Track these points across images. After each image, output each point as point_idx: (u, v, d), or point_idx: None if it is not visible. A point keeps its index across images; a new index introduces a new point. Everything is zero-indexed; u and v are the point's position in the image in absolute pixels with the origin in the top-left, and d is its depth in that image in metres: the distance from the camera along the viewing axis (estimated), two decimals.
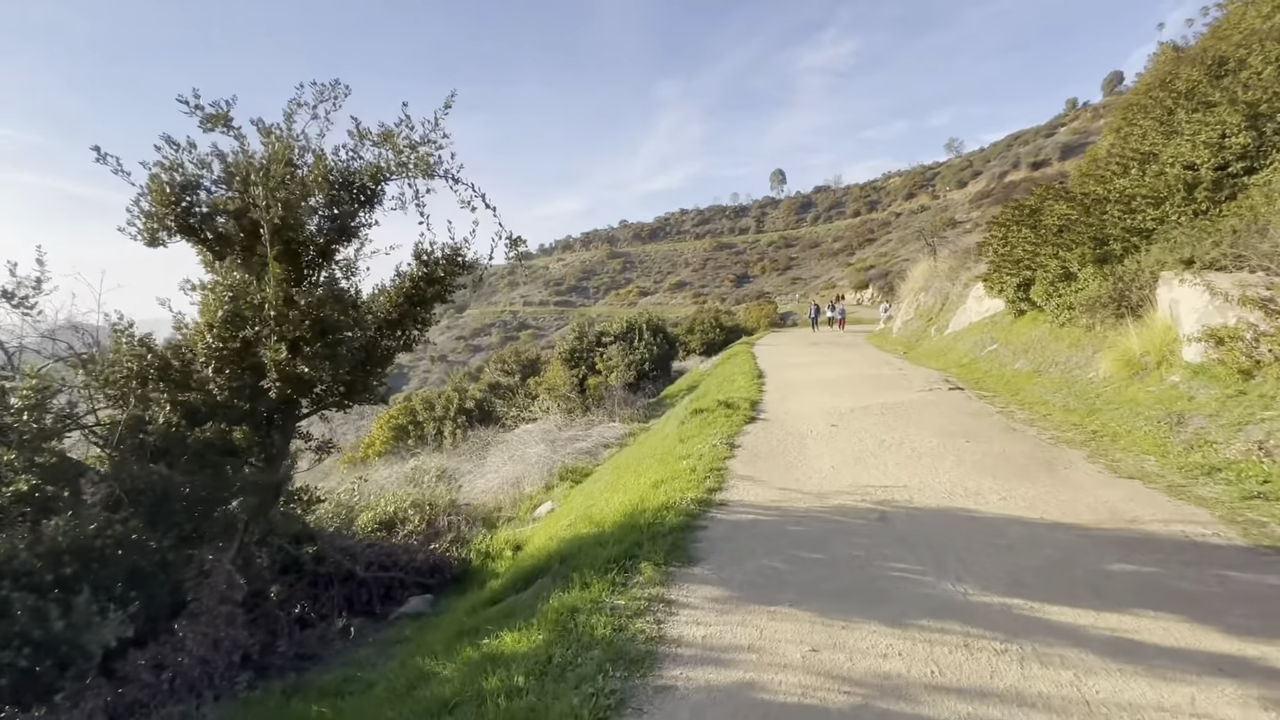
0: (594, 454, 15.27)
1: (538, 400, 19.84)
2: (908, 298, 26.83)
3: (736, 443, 8.50)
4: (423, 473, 12.27)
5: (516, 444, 16.59)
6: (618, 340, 24.85)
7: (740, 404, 10.90)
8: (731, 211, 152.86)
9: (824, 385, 13.41)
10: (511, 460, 15.00)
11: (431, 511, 8.80)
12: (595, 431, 17.01)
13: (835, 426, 9.29)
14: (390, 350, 6.31)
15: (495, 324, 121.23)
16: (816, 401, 11.48)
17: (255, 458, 5.34)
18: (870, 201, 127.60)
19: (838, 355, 20.22)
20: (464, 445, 18.72)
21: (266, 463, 5.55)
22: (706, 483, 6.66)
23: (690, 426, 9.90)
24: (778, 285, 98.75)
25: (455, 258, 6.34)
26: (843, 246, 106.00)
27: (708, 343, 34.55)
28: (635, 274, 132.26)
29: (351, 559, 6.87)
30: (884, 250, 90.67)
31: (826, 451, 7.97)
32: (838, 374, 15.00)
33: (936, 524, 5.44)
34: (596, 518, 6.58)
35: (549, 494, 11.17)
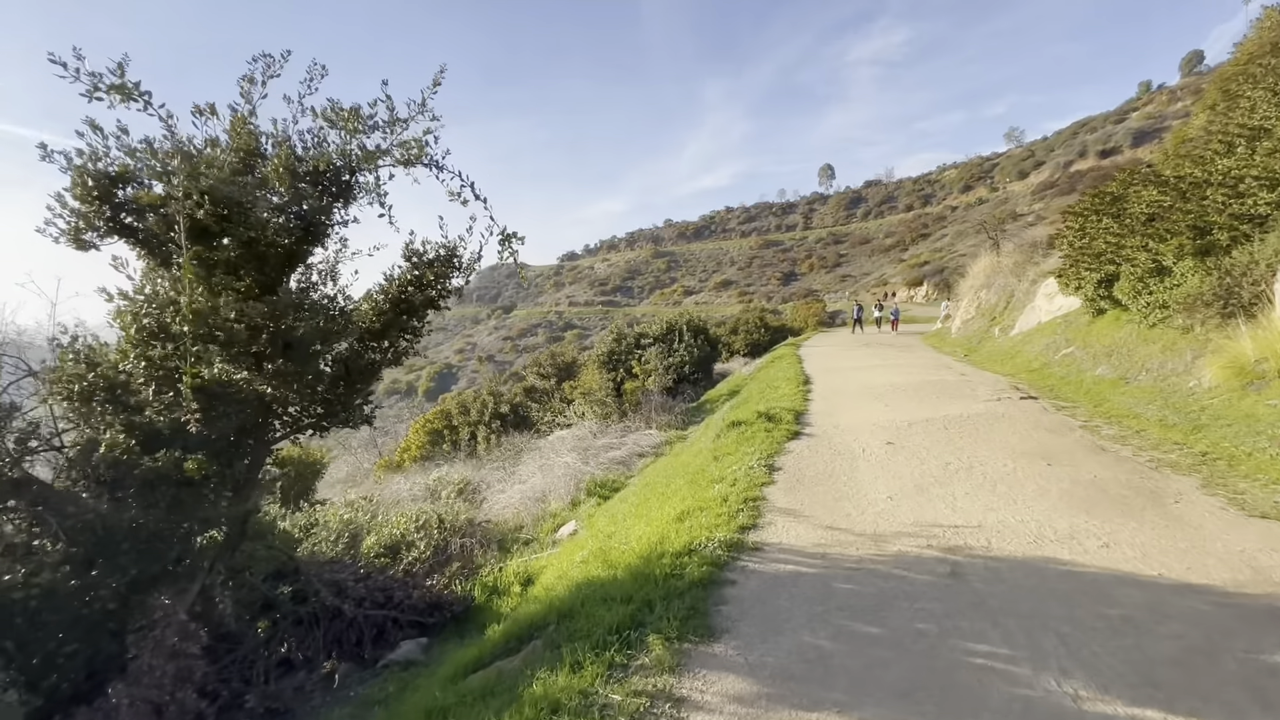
0: (628, 464, 14.42)
1: (573, 405, 19.11)
2: (967, 295, 25.08)
3: (777, 464, 7.48)
4: (444, 484, 11.65)
5: (549, 452, 15.86)
6: (657, 342, 23.95)
7: (783, 416, 9.86)
8: (778, 208, 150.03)
9: (877, 393, 12.21)
10: (541, 470, 14.28)
11: (440, 535, 8.10)
12: (630, 439, 16.16)
13: (891, 445, 8.17)
14: (374, 365, 5.57)
15: (541, 324, 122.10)
16: (869, 413, 10.33)
17: (216, 489, 4.68)
18: (924, 195, 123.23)
19: (891, 358, 18.82)
20: (497, 452, 18.14)
21: (233, 493, 4.89)
22: (739, 518, 5.68)
23: (726, 442, 8.93)
24: (826, 283, 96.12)
25: (450, 259, 5.57)
26: (895, 242, 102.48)
27: (752, 344, 33.29)
28: (680, 273, 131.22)
29: (340, 595, 6.20)
30: (939, 246, 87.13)
31: (882, 477, 6.88)
32: (892, 380, 13.74)
33: (1024, 582, 4.35)
34: (612, 557, 5.71)
35: (574, 511, 10.36)
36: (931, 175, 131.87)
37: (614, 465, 14.33)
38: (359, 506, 9.48)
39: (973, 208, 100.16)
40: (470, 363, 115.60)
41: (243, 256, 4.49)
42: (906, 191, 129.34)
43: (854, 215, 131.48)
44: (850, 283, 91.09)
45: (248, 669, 5.41)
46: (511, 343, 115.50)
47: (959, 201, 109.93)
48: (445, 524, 8.43)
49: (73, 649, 4.40)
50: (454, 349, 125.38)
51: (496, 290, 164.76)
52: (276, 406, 4.83)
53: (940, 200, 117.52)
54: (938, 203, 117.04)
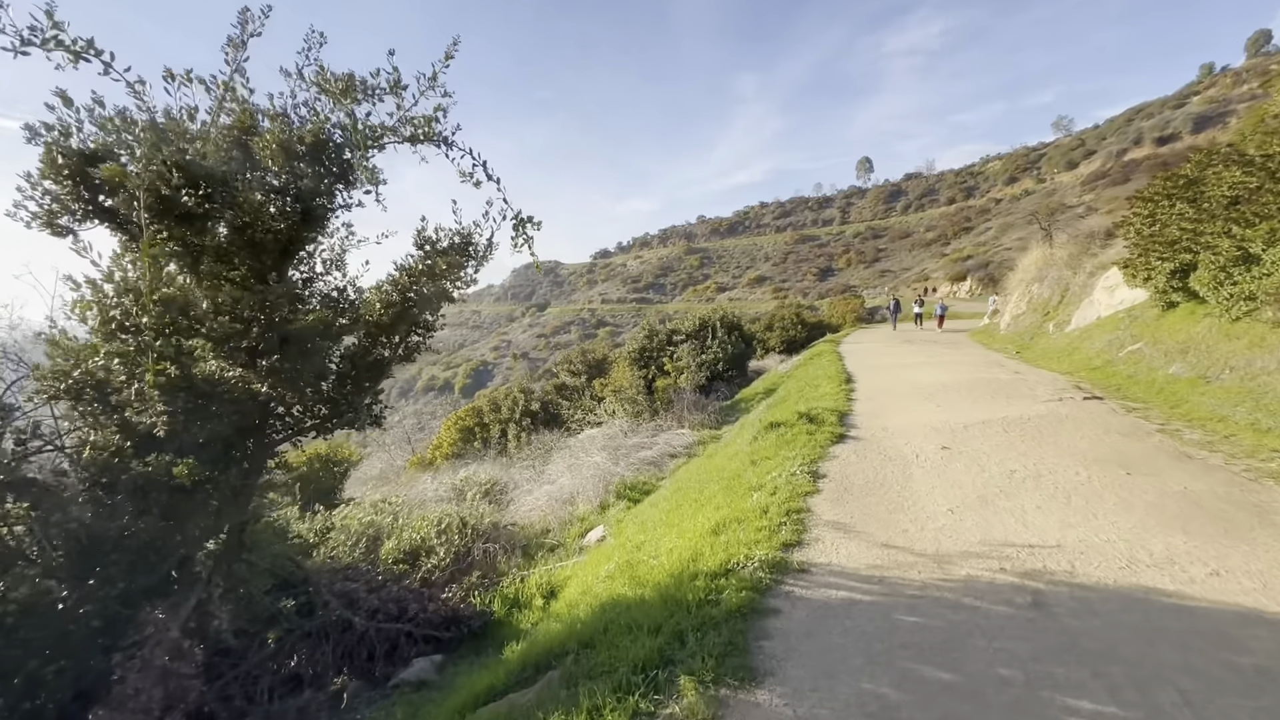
0: (659, 465, 13.90)
1: (603, 403, 18.66)
2: (1017, 290, 23.84)
3: (821, 470, 6.85)
4: (471, 485, 11.31)
5: (578, 451, 15.44)
6: (689, 339, 23.35)
7: (825, 417, 9.20)
8: (814, 203, 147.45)
9: (926, 392, 11.43)
10: (569, 470, 13.85)
11: (461, 541, 7.69)
12: (662, 439, 15.64)
13: (947, 449, 7.47)
14: (383, 361, 5.16)
15: (574, 321, 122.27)
16: (919, 414, 9.60)
17: (214, 496, 4.32)
18: (967, 188, 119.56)
19: (938, 355, 17.89)
20: (527, 450, 17.81)
21: (234, 499, 4.53)
22: (782, 533, 5.10)
23: (764, 445, 8.33)
24: (864, 278, 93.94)
25: (465, 246, 5.11)
26: (936, 236, 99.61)
27: (788, 340, 32.39)
28: (713, 269, 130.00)
29: (351, 607, 5.83)
30: (982, 239, 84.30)
31: (940, 486, 6.21)
32: (941, 378, 12.91)
33: (1123, 618, 3.70)
34: (640, 572, 5.20)
35: (603, 515, 9.88)
36: (974, 167, 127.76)
37: (644, 466, 13.83)
38: (381, 508, 9.16)
39: (1018, 200, 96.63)
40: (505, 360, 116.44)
41: (235, 242, 4.11)
42: (948, 184, 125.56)
43: (893, 209, 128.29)
44: (890, 278, 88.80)
45: (251, 686, 5.07)
46: (545, 340, 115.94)
47: (1003, 194, 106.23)
48: (468, 528, 8.03)
49: (58, 668, 4.07)
50: (490, 346, 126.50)
51: (531, 288, 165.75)
52: (275, 406, 4.44)
53: (983, 193, 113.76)
54: (981, 195, 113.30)
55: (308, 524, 7.17)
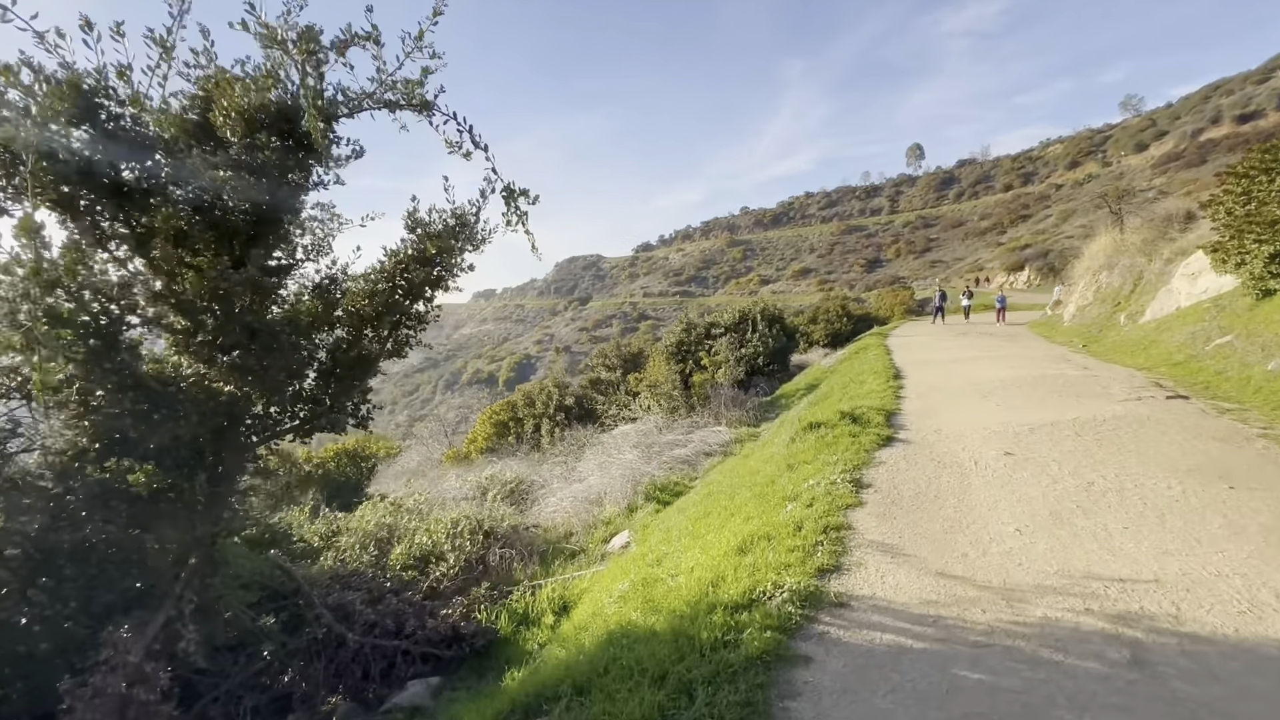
0: (692, 464, 13.26)
1: (638, 398, 18.09)
2: (1083, 279, 22.23)
3: (865, 479, 6.10)
4: (495, 483, 10.90)
5: (610, 448, 14.92)
6: (728, 332, 22.56)
7: (870, 417, 8.39)
8: (862, 192, 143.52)
9: (984, 390, 10.45)
10: (599, 469, 13.33)
11: (474, 548, 7.21)
12: (697, 436, 14.98)
13: (1011, 455, 6.60)
14: (369, 357, 4.66)
15: (616, 315, 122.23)
16: (976, 414, 8.68)
17: (177, 504, 3.91)
18: (1025, 174, 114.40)
19: (995, 349, 16.67)
20: (560, 446, 17.38)
21: (205, 508, 4.12)
22: (817, 555, 4.40)
23: (803, 447, 7.59)
24: (914, 269, 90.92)
25: (460, 229, 4.56)
26: (991, 225, 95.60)
27: (833, 334, 31.20)
28: (756, 262, 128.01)
29: (346, 620, 5.40)
30: (1041, 227, 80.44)
31: (1004, 499, 5.40)
32: (1000, 374, 11.86)
33: (1254, 684, 2.90)
34: (655, 595, 4.59)
35: (630, 518, 9.30)
36: (1033, 152, 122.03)
37: (677, 465, 13.20)
38: (398, 508, 8.80)
39: (1081, 185, 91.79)
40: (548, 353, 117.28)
41: (195, 225, 3.65)
42: (1004, 170, 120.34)
43: (945, 197, 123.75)
44: (941, 268, 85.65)
45: (235, 706, 4.68)
46: (587, 333, 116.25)
47: (1065, 179, 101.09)
48: (481, 532, 7.56)
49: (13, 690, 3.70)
50: (533, 340, 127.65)
51: (573, 282, 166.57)
52: (246, 407, 3.99)
53: (1043, 178, 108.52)
54: (1040, 181, 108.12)
55: (317, 525, 6.81)
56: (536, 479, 13.43)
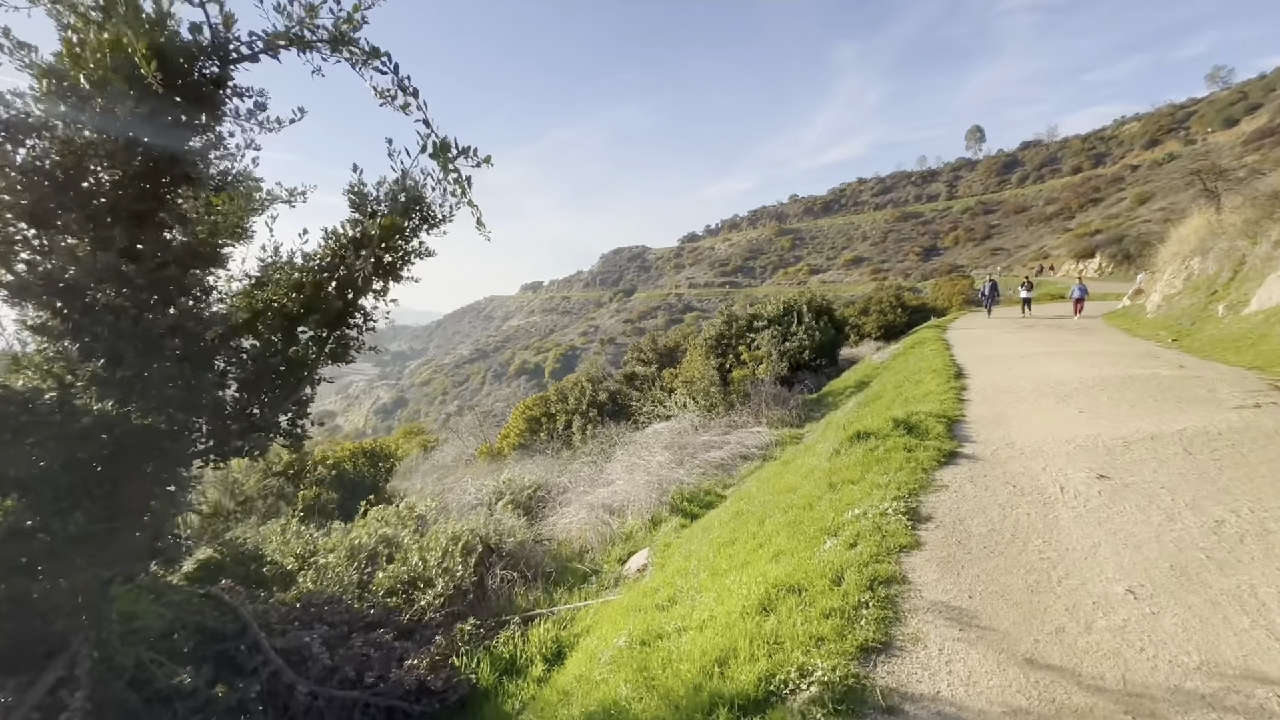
0: (728, 469, 12.24)
1: (674, 395, 17.12)
2: (1170, 265, 20.07)
3: (924, 509, 4.99)
4: (512, 488, 10.13)
5: (640, 449, 14.02)
6: (771, 325, 21.32)
7: (929, 425, 7.21)
8: (918, 177, 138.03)
9: (1062, 392, 9.07)
10: (628, 472, 12.45)
11: (465, 572, 6.35)
12: (734, 437, 13.94)
13: (1106, 479, 5.37)
14: (300, 362, 3.83)
15: (661, 306, 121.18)
16: (1057, 423, 7.39)
17: (57, 545, 3.18)
18: (1096, 155, 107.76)
19: (1069, 344, 15.01)
20: (591, 444, 16.58)
21: (98, 547, 3.39)
22: (860, 624, 3.37)
23: (848, 462, 6.49)
24: (974, 257, 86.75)
25: (412, 205, 3.68)
26: (1058, 210, 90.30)
27: (886, 326, 29.46)
28: (806, 251, 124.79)
29: (300, 666, 4.65)
30: (1114, 211, 75.37)
31: (1104, 542, 4.23)
32: (1079, 373, 10.40)
33: None
34: (654, 665, 3.65)
35: (653, 534, 8.37)
36: (1105, 131, 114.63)
37: (711, 470, 12.21)
38: (406, 515, 8.10)
39: (1160, 165, 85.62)
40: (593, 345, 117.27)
41: (53, 200, 2.90)
42: (1073, 151, 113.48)
43: (1008, 181, 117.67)
44: (1003, 256, 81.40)
45: None
46: (632, 325, 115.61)
47: (1141, 159, 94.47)
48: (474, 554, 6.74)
49: None
50: (578, 331, 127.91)
51: (619, 274, 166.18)
52: (132, 431, 3.21)
53: (1116, 159, 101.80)
54: (1113, 162, 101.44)
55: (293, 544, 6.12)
56: (560, 483, 12.64)
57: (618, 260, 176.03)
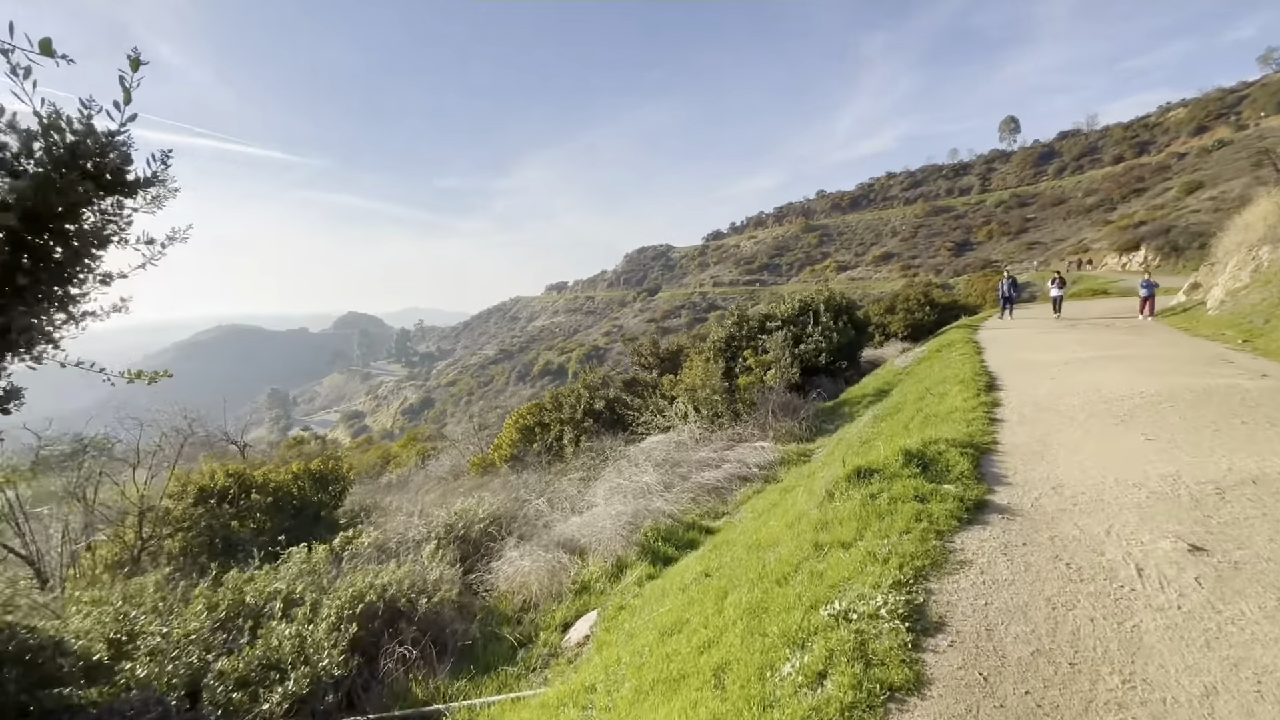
0: (722, 493, 10.76)
1: (675, 403, 15.64)
2: (1233, 255, 17.92)
3: (933, 607, 3.42)
4: (466, 518, 8.74)
5: (629, 467, 12.59)
6: (785, 326, 19.68)
7: (950, 459, 5.62)
8: (949, 170, 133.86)
9: (1120, 410, 7.35)
10: (611, 495, 11.03)
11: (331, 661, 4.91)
12: (735, 454, 12.43)
13: (1201, 553, 3.76)
14: None
15: (685, 305, 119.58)
16: (1117, 454, 5.72)
17: None
18: (1139, 143, 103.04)
19: (1120, 345, 13.11)
20: (582, 459, 15.19)
21: None
22: None
23: (842, 513, 4.95)
24: (1008, 252, 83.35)
25: (76, 159, 2.30)
26: (1098, 201, 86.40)
27: (913, 325, 27.53)
28: (833, 247, 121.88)
29: None
30: (1159, 201, 71.54)
31: (1223, 686, 2.68)
32: (1139, 384, 8.64)
33: None
34: None
35: (613, 585, 6.92)
36: (1149, 118, 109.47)
37: (703, 494, 10.72)
38: (315, 567, 6.77)
39: (1210, 152, 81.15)
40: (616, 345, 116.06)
41: None
42: (1114, 140, 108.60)
43: (1044, 173, 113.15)
44: (1039, 250, 77.92)
45: None
46: (655, 324, 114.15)
47: (1188, 146, 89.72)
48: (395, 611, 5.39)
49: None
50: (601, 331, 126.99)
51: (642, 273, 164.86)
52: None
53: (1161, 147, 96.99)
54: (1158, 150, 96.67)
55: (107, 626, 4.76)
56: (535, 507, 11.27)
57: (642, 259, 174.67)
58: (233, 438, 29.95)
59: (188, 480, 9.60)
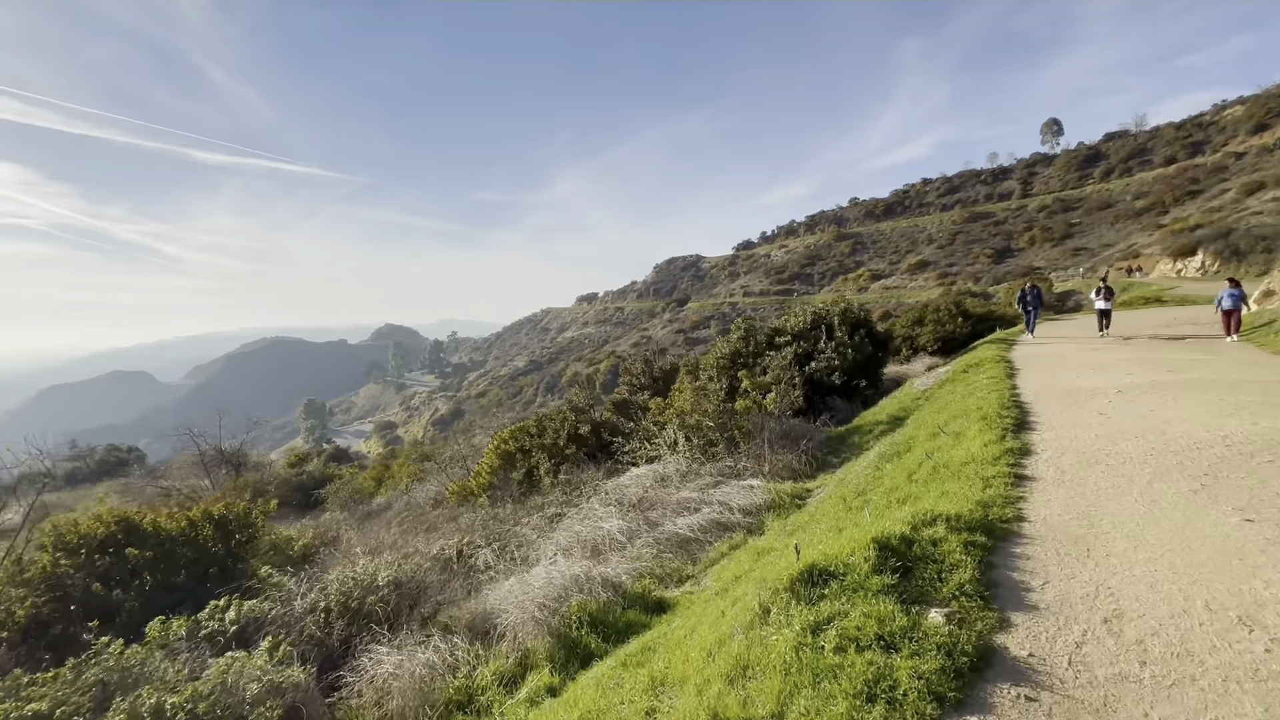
0: (694, 549, 9.04)
1: (666, 430, 13.90)
2: None
3: None
4: (362, 585, 7.15)
5: (599, 509, 10.91)
6: (796, 341, 17.81)
7: (950, 556, 3.81)
8: (988, 175, 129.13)
9: (1199, 466, 5.38)
10: (564, 551, 9.37)
11: None
12: (721, 493, 10.67)
13: None
14: None
15: (714, 316, 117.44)
16: (1210, 555, 3.82)
17: None
18: (1192, 143, 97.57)
19: (1186, 366, 10.90)
20: (557, 493, 13.54)
21: None
22: None
23: (766, 660, 3.19)
24: (1052, 258, 79.37)
25: None
26: (1149, 204, 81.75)
27: (943, 338, 25.15)
28: (867, 256, 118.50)
29: None
30: (1216, 203, 67.09)
31: None
32: (1220, 423, 6.59)
33: None
34: None
35: (500, 704, 5.23)
36: (1204, 117, 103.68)
37: (670, 548, 9.01)
38: (120, 663, 5.29)
39: (1271, 151, 76.10)
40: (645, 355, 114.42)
41: None
42: (1165, 141, 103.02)
43: (1089, 176, 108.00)
44: (1085, 256, 73.87)
45: None
46: (684, 335, 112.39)
47: (1247, 145, 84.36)
48: None
49: None
50: (630, 342, 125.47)
51: (672, 283, 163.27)
52: None
53: (1216, 147, 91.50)
54: (1213, 150, 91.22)
55: None
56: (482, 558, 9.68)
57: (671, 270, 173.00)
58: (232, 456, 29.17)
59: (65, 527, 8.25)
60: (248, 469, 29.11)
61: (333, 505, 22.17)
